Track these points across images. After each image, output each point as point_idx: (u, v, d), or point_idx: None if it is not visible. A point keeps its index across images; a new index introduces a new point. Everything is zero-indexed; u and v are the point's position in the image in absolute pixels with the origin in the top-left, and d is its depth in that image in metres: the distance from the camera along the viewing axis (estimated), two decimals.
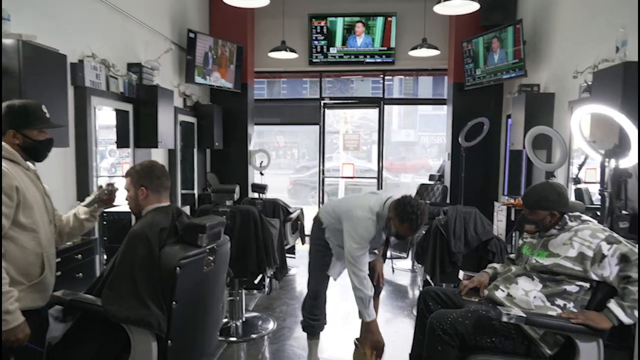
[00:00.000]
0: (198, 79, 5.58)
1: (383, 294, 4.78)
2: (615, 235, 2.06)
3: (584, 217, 2.20)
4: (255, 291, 4.27)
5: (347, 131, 9.63)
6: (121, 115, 4.15)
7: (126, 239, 1.89)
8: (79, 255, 2.90)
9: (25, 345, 1.66)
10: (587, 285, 2.04)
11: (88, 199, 2.16)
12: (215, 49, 5.78)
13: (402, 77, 8.02)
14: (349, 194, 8.85)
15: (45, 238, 1.80)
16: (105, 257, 3.66)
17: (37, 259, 1.76)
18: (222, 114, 6.16)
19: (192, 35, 5.43)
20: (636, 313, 1.88)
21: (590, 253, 2.01)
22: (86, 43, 3.59)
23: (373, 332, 2.65)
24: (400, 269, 5.50)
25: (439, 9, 4.20)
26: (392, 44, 6.59)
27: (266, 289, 3.73)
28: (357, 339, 2.89)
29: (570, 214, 2.19)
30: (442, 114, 6.92)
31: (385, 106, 7.23)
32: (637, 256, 1.94)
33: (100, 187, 2.18)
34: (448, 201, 5.96)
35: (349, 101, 7.88)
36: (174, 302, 1.84)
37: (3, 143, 1.76)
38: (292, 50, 5.95)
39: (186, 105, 5.68)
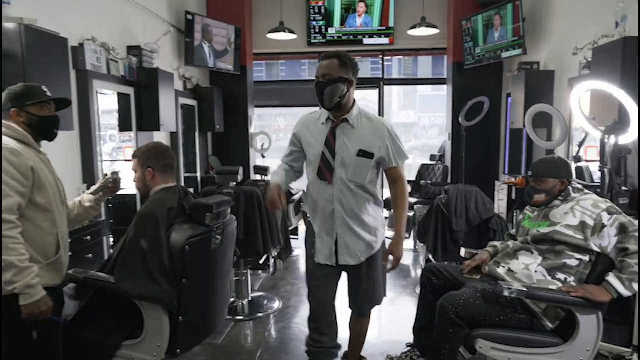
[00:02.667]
0: (197, 61, 5.57)
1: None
2: (617, 207, 2.10)
3: (586, 190, 2.25)
4: (260, 271, 4.34)
5: None
6: (123, 98, 4.15)
7: (136, 219, 1.94)
8: (88, 237, 2.95)
9: (48, 317, 1.73)
10: (587, 258, 2.08)
11: (94, 188, 2.21)
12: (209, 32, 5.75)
13: (402, 57, 7.97)
14: None
15: (59, 218, 1.85)
16: (112, 238, 3.71)
17: (53, 239, 1.81)
18: (223, 97, 6.15)
19: (190, 17, 5.39)
20: (635, 285, 1.93)
21: (591, 222, 2.05)
22: (85, 26, 3.58)
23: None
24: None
25: None
26: (391, 24, 6.54)
27: (271, 269, 3.80)
28: (346, 352, 2.59)
29: (573, 185, 2.23)
30: (442, 94, 6.90)
31: (385, 87, 7.22)
32: (635, 227, 1.98)
33: (106, 175, 2.23)
34: (449, 181, 5.99)
35: None
36: (183, 280, 1.90)
37: (14, 125, 1.79)
38: (291, 31, 5.91)
39: (186, 88, 5.67)
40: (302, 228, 5.33)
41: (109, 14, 4.04)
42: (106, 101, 4.07)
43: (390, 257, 2.23)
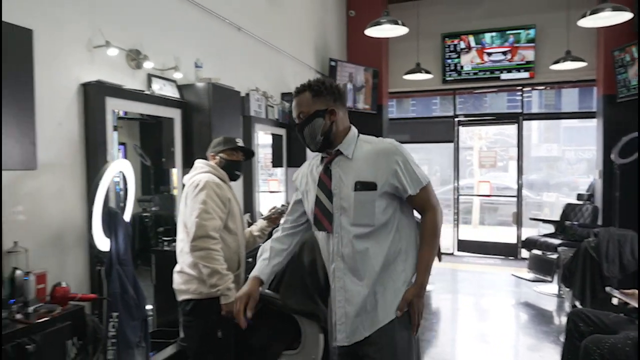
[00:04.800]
0: None
1: (525, 317, 4.66)
2: None
3: None
4: None
5: (482, 147, 9.38)
6: (276, 139, 4.74)
7: None
8: (250, 259, 3.42)
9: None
10: None
11: (266, 215, 2.62)
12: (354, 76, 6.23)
13: (543, 88, 7.62)
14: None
15: (241, 241, 2.28)
16: None
17: (236, 257, 2.24)
18: (360, 133, 6.53)
19: (333, 63, 5.94)
20: None
21: None
22: (251, 79, 4.23)
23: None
24: (545, 294, 5.24)
25: (585, 22, 4.02)
26: (531, 57, 6.38)
27: None
28: None
29: None
30: (591, 126, 6.43)
31: (524, 122, 6.97)
32: None
33: (274, 207, 2.62)
34: (599, 223, 5.52)
35: (485, 118, 7.72)
36: None
37: (215, 165, 2.29)
38: (427, 72, 6.11)
39: None
40: (435, 264, 5.33)
41: (268, 66, 4.70)
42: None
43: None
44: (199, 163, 2.34)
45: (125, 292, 2.37)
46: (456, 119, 7.19)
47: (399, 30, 4.40)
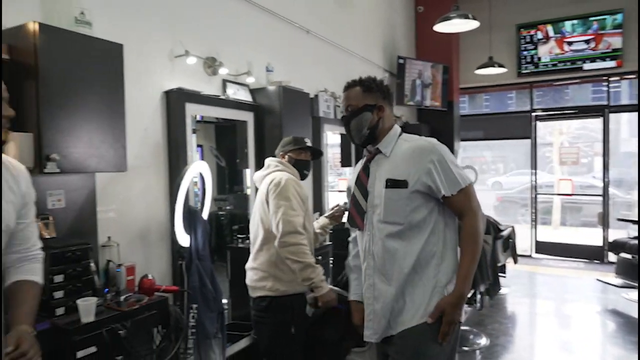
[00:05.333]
0: (407, 101, 5.99)
1: (612, 326, 4.32)
2: None
3: None
4: (465, 305, 4.34)
5: (562, 143, 8.82)
6: (344, 138, 4.78)
7: None
8: (320, 257, 3.50)
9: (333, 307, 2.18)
10: None
11: (328, 213, 2.66)
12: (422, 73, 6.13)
13: (633, 77, 7.03)
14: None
15: (311, 239, 2.33)
16: (331, 259, 4.24)
17: None
18: (430, 132, 6.43)
19: (401, 61, 5.88)
20: None
21: None
22: (319, 80, 4.31)
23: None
24: (634, 301, 4.84)
25: None
26: (619, 45, 5.90)
27: (477, 304, 3.80)
28: None
29: None
30: None
31: (611, 114, 6.47)
32: None
33: (337, 205, 2.66)
34: None
35: (566, 112, 7.25)
36: None
37: (288, 164, 2.37)
38: (501, 65, 5.87)
39: None
40: (509, 266, 5.13)
41: (337, 66, 4.75)
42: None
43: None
44: (271, 161, 2.39)
45: (203, 285, 2.52)
46: (533, 114, 6.83)
47: (470, 25, 4.27)
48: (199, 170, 2.73)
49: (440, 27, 4.35)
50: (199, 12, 3.04)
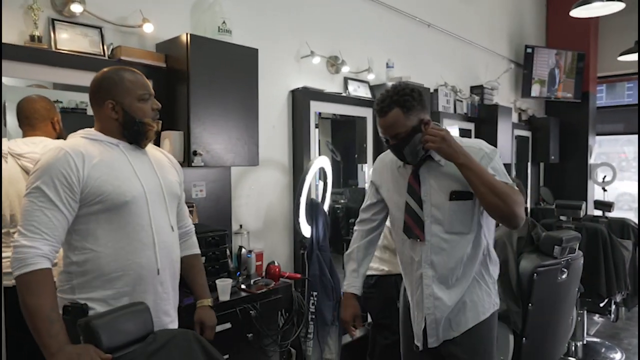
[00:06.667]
0: (534, 93, 5.58)
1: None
2: None
3: None
4: (597, 315, 3.98)
5: None
6: (464, 133, 4.62)
7: None
8: None
9: None
10: None
11: None
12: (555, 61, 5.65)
13: None
14: None
15: None
16: None
17: None
18: (559, 126, 5.93)
19: (529, 50, 5.48)
20: None
21: None
22: (440, 74, 4.22)
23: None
24: None
25: None
26: None
27: (612, 315, 3.45)
28: None
29: None
30: None
31: None
32: None
33: None
34: None
35: None
36: (530, 304, 2.07)
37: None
38: None
39: (521, 119, 5.76)
40: None
41: (458, 59, 4.61)
42: None
43: None
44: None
45: (323, 274, 2.67)
46: None
47: (613, 7, 3.83)
48: (321, 164, 2.88)
49: (578, 12, 3.97)
50: (323, 13, 3.17)
